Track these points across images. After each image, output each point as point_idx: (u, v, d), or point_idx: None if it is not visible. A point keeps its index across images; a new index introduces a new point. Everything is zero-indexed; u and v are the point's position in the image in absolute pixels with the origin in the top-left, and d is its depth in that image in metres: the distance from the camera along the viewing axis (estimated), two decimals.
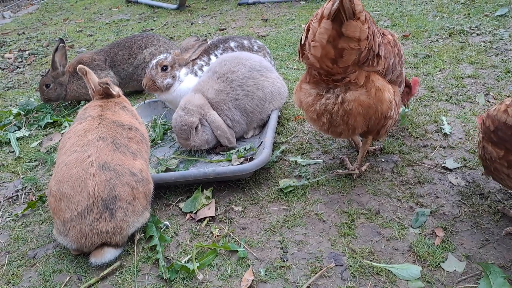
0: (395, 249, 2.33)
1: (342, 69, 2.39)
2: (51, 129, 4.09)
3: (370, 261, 2.25)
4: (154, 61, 3.63)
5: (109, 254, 2.36)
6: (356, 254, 2.31)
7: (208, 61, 3.83)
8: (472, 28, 5.16)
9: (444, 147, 3.10)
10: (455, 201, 2.61)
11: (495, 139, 2.10)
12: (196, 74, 3.73)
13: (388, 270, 2.19)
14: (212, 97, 3.29)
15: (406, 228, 2.45)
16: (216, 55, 3.88)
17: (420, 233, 2.40)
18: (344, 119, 2.54)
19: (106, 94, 2.92)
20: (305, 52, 2.45)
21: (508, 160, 2.07)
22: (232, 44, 3.97)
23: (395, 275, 2.15)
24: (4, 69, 5.89)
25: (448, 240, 2.34)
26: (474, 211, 2.52)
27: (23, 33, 7.48)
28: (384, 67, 2.50)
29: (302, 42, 2.46)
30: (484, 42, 4.75)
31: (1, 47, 6.82)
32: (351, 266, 2.24)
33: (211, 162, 3.22)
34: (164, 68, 3.60)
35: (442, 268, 2.18)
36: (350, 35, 2.23)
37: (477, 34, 4.99)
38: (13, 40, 7.10)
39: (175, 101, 3.58)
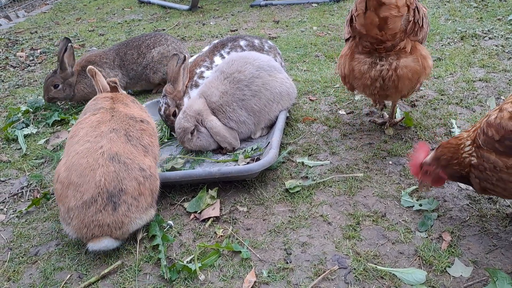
0: (401, 252, 2.29)
1: (391, 35, 2.73)
2: (59, 127, 4.09)
3: (375, 264, 2.22)
4: (161, 113, 3.59)
5: (106, 240, 2.35)
6: (360, 257, 2.27)
7: (210, 65, 3.80)
8: (485, 31, 5.09)
9: None
10: (463, 205, 2.56)
11: (501, 148, 2.00)
12: (197, 85, 3.71)
13: (393, 274, 2.15)
14: (216, 100, 3.28)
15: (412, 232, 2.41)
16: (221, 55, 3.85)
17: (427, 237, 2.36)
18: (395, 83, 2.89)
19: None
20: (353, 24, 2.83)
21: None
22: (242, 42, 3.94)
23: (399, 279, 2.11)
24: (15, 67, 5.92)
25: (455, 244, 2.29)
26: (482, 215, 2.47)
27: (36, 32, 7.53)
28: (423, 36, 2.87)
29: (349, 18, 2.89)
30: (496, 46, 4.69)
31: (14, 45, 6.86)
32: (355, 269, 2.21)
33: (218, 162, 3.19)
34: (174, 114, 3.56)
35: (448, 273, 2.14)
36: (387, 2, 2.59)
37: (489, 38, 4.92)
38: (26, 39, 7.14)
39: None
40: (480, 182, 2.17)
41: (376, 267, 2.20)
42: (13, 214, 2.91)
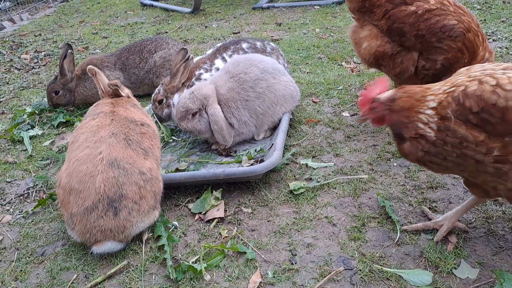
0: (406, 254, 2.29)
1: (351, 9, 3.39)
2: (64, 128, 4.11)
3: (380, 265, 2.22)
4: (153, 96, 3.79)
5: (109, 243, 2.38)
6: (366, 258, 2.27)
7: (209, 67, 3.83)
8: (488, 34, 5.10)
9: None
10: None
11: (474, 121, 1.91)
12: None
13: (399, 275, 2.15)
14: (223, 93, 3.29)
15: (417, 233, 2.41)
16: (223, 58, 3.87)
17: (432, 239, 2.36)
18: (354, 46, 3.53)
19: (115, 95, 2.94)
20: None
21: (489, 147, 1.89)
22: (245, 45, 3.95)
23: (405, 281, 2.12)
24: (20, 69, 5.94)
25: (461, 246, 2.29)
26: (488, 217, 2.47)
27: (40, 34, 7.55)
28: (384, 26, 3.19)
29: None
30: (500, 48, 4.69)
31: (18, 48, 6.89)
32: (360, 270, 2.21)
33: (221, 164, 3.20)
34: (160, 102, 3.73)
35: (454, 275, 2.14)
36: None
37: (493, 40, 4.93)
38: (30, 42, 7.16)
39: None
40: (425, 155, 2.06)
41: (381, 268, 2.20)
42: (19, 214, 2.93)
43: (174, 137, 3.70)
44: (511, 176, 1.89)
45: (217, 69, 3.79)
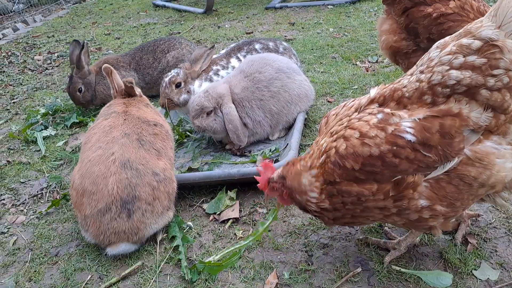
0: (425, 255, 2.24)
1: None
2: (77, 128, 4.12)
3: (399, 266, 2.17)
4: (166, 79, 3.58)
5: (123, 245, 2.36)
6: (383, 259, 2.23)
7: (226, 64, 3.81)
8: None
9: None
10: (488, 206, 2.51)
11: (362, 176, 1.87)
12: (211, 80, 3.70)
13: (418, 276, 2.11)
14: (237, 93, 3.27)
15: None
16: (238, 58, 3.85)
17: (451, 239, 2.30)
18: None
19: (128, 95, 2.93)
20: None
21: (384, 192, 1.85)
22: (257, 46, 3.93)
23: (425, 282, 2.07)
24: (33, 70, 5.97)
25: (481, 247, 2.24)
26: (508, 217, 2.42)
27: (53, 36, 7.60)
28: (403, 23, 3.15)
29: None
30: None
31: (32, 49, 6.94)
32: (378, 271, 2.17)
33: (236, 164, 3.17)
34: (178, 85, 3.57)
35: (475, 276, 2.09)
36: None
37: None
38: (43, 43, 7.21)
39: None
40: (335, 220, 2.05)
41: (400, 269, 2.15)
42: (33, 215, 2.93)
43: (189, 134, 3.67)
44: (412, 208, 1.85)
45: (233, 67, 3.77)
